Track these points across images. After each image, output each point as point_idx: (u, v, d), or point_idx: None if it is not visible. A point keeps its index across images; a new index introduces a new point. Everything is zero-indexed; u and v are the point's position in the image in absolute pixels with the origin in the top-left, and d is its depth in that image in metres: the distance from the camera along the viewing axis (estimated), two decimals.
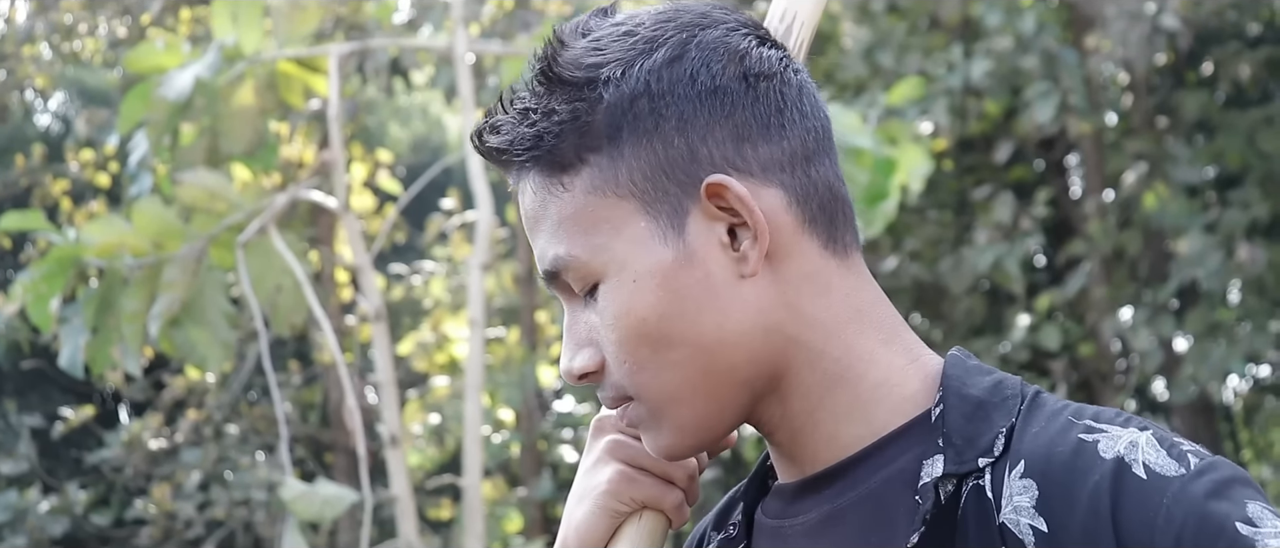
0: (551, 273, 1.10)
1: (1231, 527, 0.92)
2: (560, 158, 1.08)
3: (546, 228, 1.10)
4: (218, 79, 3.89)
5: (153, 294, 3.88)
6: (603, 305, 1.08)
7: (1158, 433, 0.99)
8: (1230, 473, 0.96)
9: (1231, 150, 8.06)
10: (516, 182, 1.12)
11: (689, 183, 1.07)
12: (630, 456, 1.15)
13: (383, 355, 3.73)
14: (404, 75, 9.75)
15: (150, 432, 10.78)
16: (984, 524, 1.01)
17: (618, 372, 1.09)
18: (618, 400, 1.11)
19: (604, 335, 1.09)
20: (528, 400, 11.12)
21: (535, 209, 1.10)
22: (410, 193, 4.15)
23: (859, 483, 1.09)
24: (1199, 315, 8.01)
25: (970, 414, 1.06)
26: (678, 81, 1.07)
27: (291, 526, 3.78)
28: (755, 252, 1.07)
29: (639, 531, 1.15)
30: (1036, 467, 1.00)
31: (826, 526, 1.10)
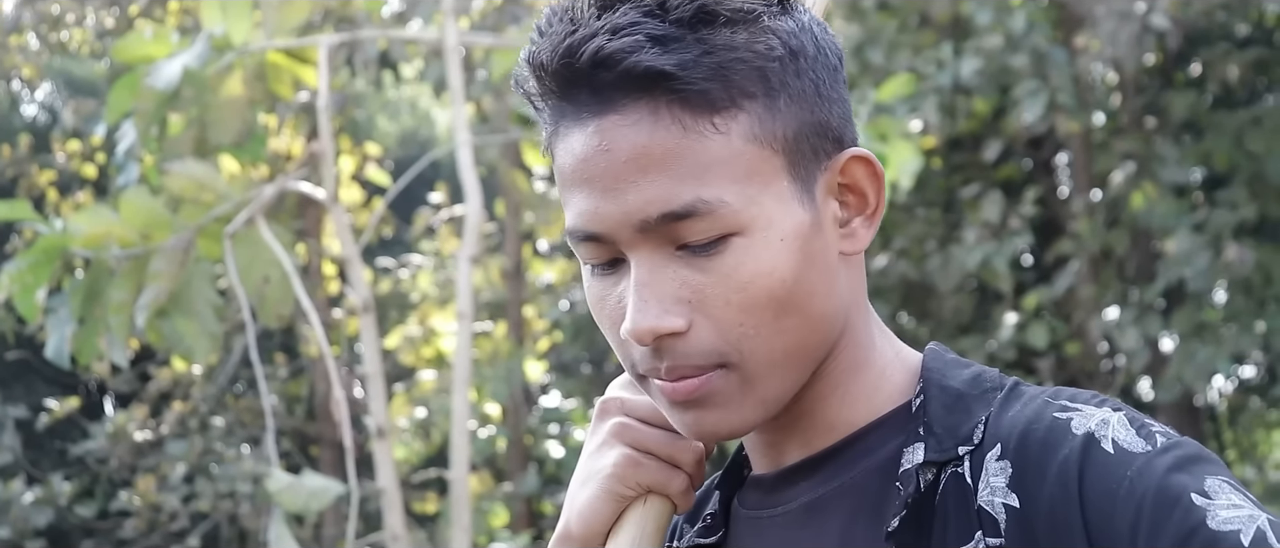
0: (674, 215, 1.01)
1: (1187, 498, 0.94)
2: (716, 97, 1.01)
3: (679, 169, 1.00)
4: (206, 69, 3.88)
5: (140, 285, 3.86)
6: (734, 261, 1.02)
7: (1129, 414, 1.01)
8: (1195, 451, 0.98)
9: (1219, 151, 8.08)
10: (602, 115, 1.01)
11: (822, 150, 1.06)
12: (636, 439, 1.13)
13: (370, 347, 3.73)
14: (393, 68, 9.74)
15: (135, 424, 10.76)
16: (962, 510, 1.03)
17: (722, 335, 1.03)
18: (699, 369, 1.03)
19: (720, 293, 1.02)
20: (514, 395, 11.11)
21: (658, 146, 1.00)
22: (399, 185, 4.14)
23: (841, 473, 1.09)
24: (1185, 315, 8.03)
25: (951, 405, 1.07)
26: (821, 49, 1.06)
27: (277, 518, 3.77)
28: (867, 231, 1.08)
29: (644, 515, 1.13)
30: (1011, 446, 1.02)
31: (807, 515, 1.10)
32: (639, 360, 1.06)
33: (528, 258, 11.85)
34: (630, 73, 1.00)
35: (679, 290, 1.03)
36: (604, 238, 1.03)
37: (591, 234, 1.03)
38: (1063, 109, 7.68)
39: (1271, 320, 7.81)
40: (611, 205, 1.02)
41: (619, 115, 1.01)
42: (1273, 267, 7.77)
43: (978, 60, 7.64)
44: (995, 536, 1.00)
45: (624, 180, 1.01)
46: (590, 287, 1.07)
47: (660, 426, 1.13)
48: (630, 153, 1.01)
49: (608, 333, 1.08)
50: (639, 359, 1.05)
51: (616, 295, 1.06)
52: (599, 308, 1.07)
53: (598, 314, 1.07)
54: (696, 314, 1.03)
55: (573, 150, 1.03)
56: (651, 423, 1.14)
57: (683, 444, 1.13)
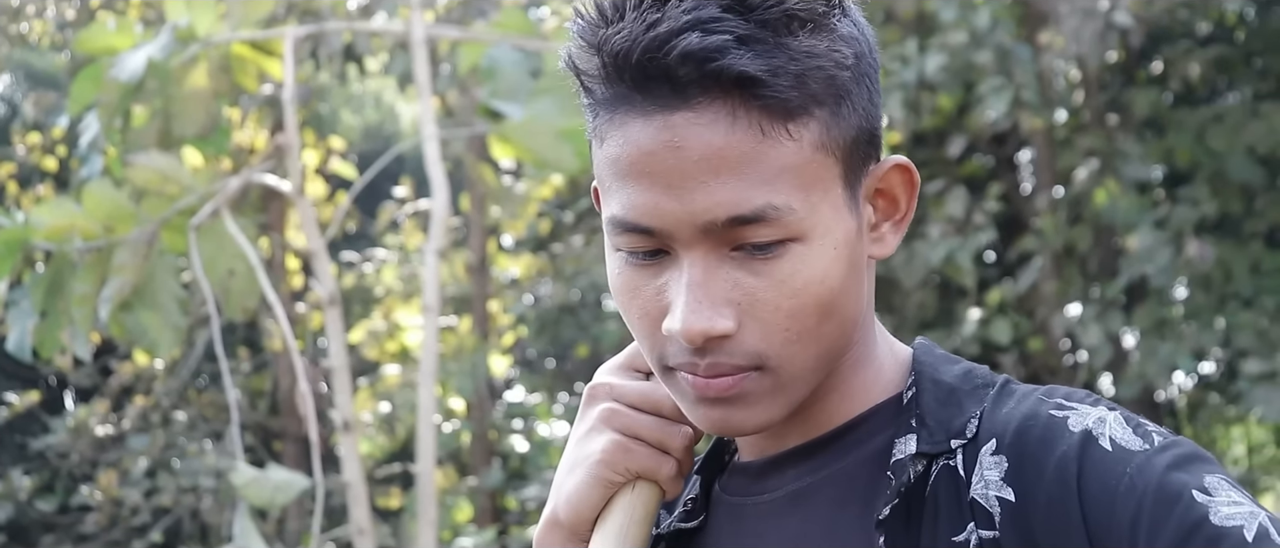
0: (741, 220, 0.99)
1: (1188, 495, 0.95)
2: (793, 104, 1.00)
3: (752, 173, 0.99)
4: (170, 61, 3.85)
5: (103, 277, 3.83)
6: (790, 268, 1.01)
7: (1124, 413, 1.02)
8: (1192, 450, 0.99)
9: (1181, 148, 8.14)
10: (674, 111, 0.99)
11: (868, 156, 1.06)
12: (625, 424, 1.12)
13: (336, 340, 3.71)
14: (358, 62, 9.71)
15: (97, 418, 10.70)
16: (954, 501, 1.03)
17: (767, 339, 1.03)
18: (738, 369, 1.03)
19: (771, 298, 1.02)
20: (479, 390, 11.09)
21: (733, 149, 0.99)
22: (365, 178, 4.12)
23: (830, 462, 1.10)
24: (1147, 312, 8.09)
25: (944, 399, 1.08)
26: (872, 51, 1.07)
27: (242, 511, 3.75)
28: (895, 237, 1.09)
29: (632, 501, 1.12)
30: (1007, 442, 1.03)
31: (793, 503, 1.10)
32: (672, 355, 1.05)
33: (492, 253, 11.83)
34: (719, 74, 0.98)
35: (730, 292, 1.02)
36: (658, 233, 1.02)
37: (645, 228, 1.02)
38: (1026, 106, 7.72)
39: (1231, 317, 7.87)
40: (674, 203, 1.00)
41: (693, 113, 0.99)
42: (1233, 263, 7.83)
43: (942, 56, 7.67)
44: (989, 528, 1.01)
45: (692, 179, 0.99)
46: (623, 274, 1.06)
47: (649, 411, 1.13)
48: (703, 153, 0.99)
49: (635, 322, 1.06)
50: (672, 354, 1.05)
51: (654, 288, 1.04)
52: (630, 296, 1.05)
53: (625, 301, 1.06)
54: (745, 316, 1.03)
55: (636, 141, 1.01)
56: (640, 409, 1.13)
57: (672, 429, 1.12)
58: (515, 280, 12.19)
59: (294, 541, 9.94)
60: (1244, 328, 7.64)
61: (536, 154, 3.79)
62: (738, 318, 1.02)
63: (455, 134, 5.27)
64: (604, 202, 1.05)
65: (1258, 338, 7.54)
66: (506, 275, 12.25)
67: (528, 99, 3.77)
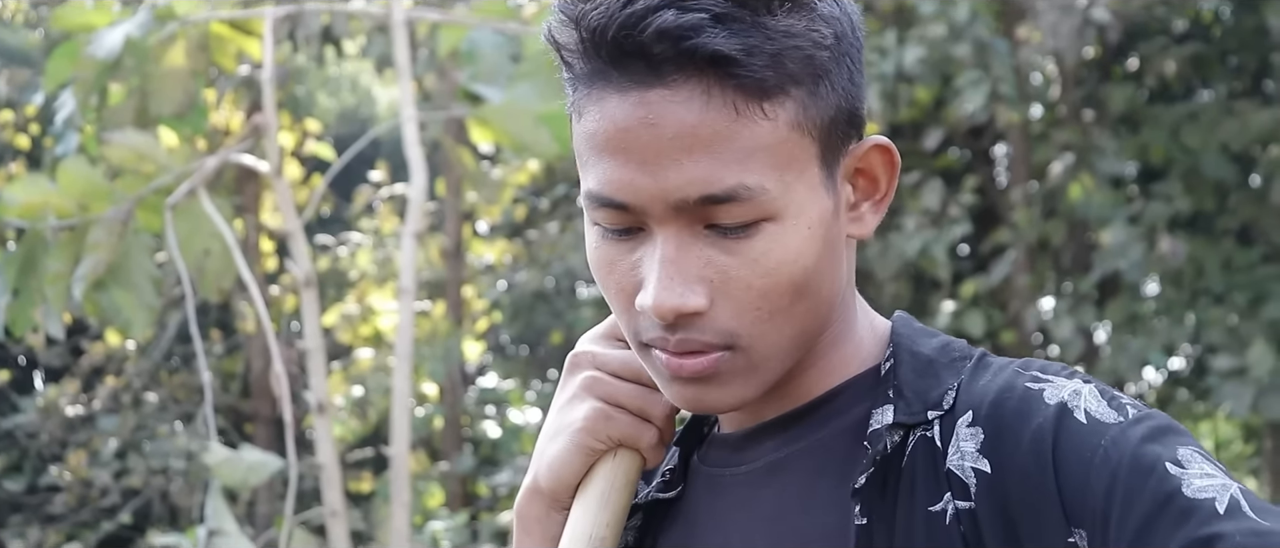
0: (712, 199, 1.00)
1: (1161, 466, 0.96)
2: (768, 83, 1.00)
3: (725, 152, 0.99)
4: (148, 39, 3.82)
5: (77, 256, 3.81)
6: (763, 247, 1.02)
7: (1099, 386, 1.03)
8: (1165, 422, 1.00)
9: (1155, 144, 8.18)
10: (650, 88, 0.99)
11: (848, 136, 1.06)
12: (607, 393, 1.13)
13: (311, 321, 3.70)
14: (336, 43, 9.67)
15: (67, 398, 10.65)
16: (930, 471, 1.04)
17: (739, 317, 1.03)
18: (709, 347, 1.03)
19: (743, 276, 1.02)
20: (451, 375, 11.09)
21: (707, 127, 0.99)
22: (342, 160, 4.10)
23: (807, 433, 1.11)
24: (1119, 306, 8.13)
25: (921, 371, 1.09)
26: (853, 30, 1.07)
27: (213, 491, 3.74)
28: (875, 217, 1.09)
29: (613, 469, 1.12)
30: (983, 413, 1.03)
31: (771, 474, 1.11)
32: (645, 330, 1.05)
33: (467, 238, 11.82)
34: (694, 52, 0.98)
35: (703, 270, 1.03)
36: (633, 209, 1.02)
37: (619, 203, 1.02)
38: (1003, 100, 7.75)
39: (1202, 313, 7.92)
40: (648, 179, 1.00)
41: (669, 90, 0.99)
42: (1205, 260, 7.87)
43: (921, 49, 7.69)
44: (965, 499, 1.01)
45: (666, 157, 1.00)
46: (599, 248, 1.06)
47: (631, 379, 1.13)
48: (677, 130, 0.99)
49: (612, 296, 1.07)
50: (645, 329, 1.05)
51: (629, 263, 1.05)
52: (606, 271, 1.06)
53: (603, 275, 1.06)
54: (717, 294, 1.03)
55: (612, 117, 1.01)
56: (622, 377, 1.13)
57: (654, 398, 1.13)
58: (490, 266, 12.18)
59: (264, 523, 9.92)
60: (1214, 324, 7.69)
61: (515, 138, 3.78)
62: (710, 296, 1.02)
63: (434, 116, 5.25)
64: (582, 176, 1.05)
65: (1227, 334, 7.59)
66: (481, 261, 12.24)
67: (508, 83, 3.76)
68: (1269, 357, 7.09)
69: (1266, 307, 7.42)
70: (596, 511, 1.11)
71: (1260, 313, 7.46)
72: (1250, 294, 7.64)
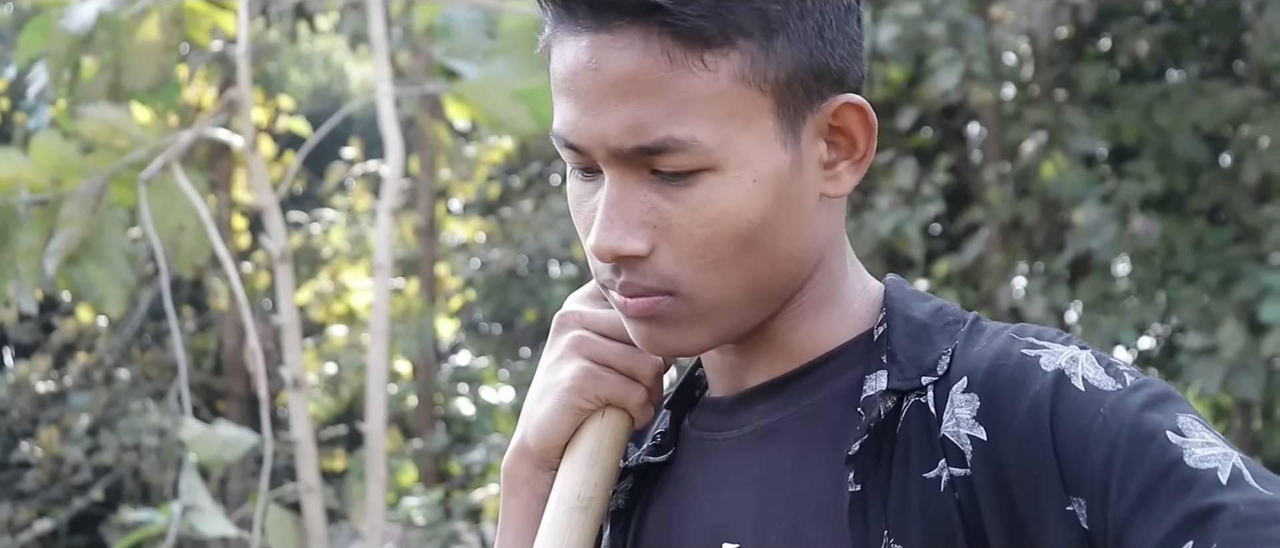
0: (645, 149, 1.02)
1: (1162, 435, 0.95)
2: (709, 34, 1.01)
3: (660, 101, 1.01)
4: (122, 13, 3.80)
5: (50, 231, 3.79)
6: (702, 196, 1.03)
7: (1095, 352, 1.03)
8: (1163, 389, 1.00)
9: (1128, 124, 8.21)
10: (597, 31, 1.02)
11: (815, 93, 1.05)
12: (595, 352, 1.13)
13: (286, 297, 3.69)
14: (309, 19, 9.62)
15: (38, 374, 10.59)
16: (925, 438, 1.04)
17: (681, 265, 1.04)
18: (650, 291, 1.05)
19: (684, 224, 1.03)
20: (424, 353, 11.08)
21: (644, 74, 1.01)
22: (316, 137, 4.09)
23: (800, 398, 1.10)
24: (1091, 285, 8.17)
25: (915, 335, 1.08)
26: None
27: (188, 467, 3.73)
28: (852, 176, 1.09)
29: (601, 428, 1.12)
30: (978, 380, 1.03)
31: (763, 438, 1.11)
32: (599, 271, 1.07)
33: (441, 216, 11.79)
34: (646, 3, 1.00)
35: (646, 214, 1.04)
36: (582, 150, 1.05)
37: (569, 144, 1.05)
38: (977, 78, 7.76)
39: (1173, 292, 7.97)
40: (591, 122, 1.03)
41: (611, 36, 1.02)
42: (1176, 239, 7.91)
43: (895, 27, 7.69)
44: (960, 466, 1.01)
45: (605, 102, 1.02)
46: (572, 187, 1.09)
47: (619, 339, 1.13)
48: (616, 76, 1.02)
49: (581, 235, 1.10)
50: (599, 270, 1.07)
51: (591, 205, 1.07)
52: (576, 210, 1.09)
53: (575, 215, 1.09)
54: (660, 240, 1.04)
55: (565, 59, 1.04)
56: (610, 337, 1.14)
57: (642, 358, 1.13)
58: (464, 244, 12.16)
59: (237, 500, 9.90)
60: (1185, 303, 7.73)
61: (492, 114, 3.78)
62: (652, 241, 1.04)
63: (409, 92, 5.24)
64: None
65: (1199, 313, 7.63)
66: (455, 239, 12.21)
67: (484, 58, 3.75)
68: (1239, 336, 7.14)
69: (1237, 286, 7.46)
70: (585, 470, 1.11)
71: (1231, 293, 7.51)
72: (1221, 274, 7.68)
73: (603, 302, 1.17)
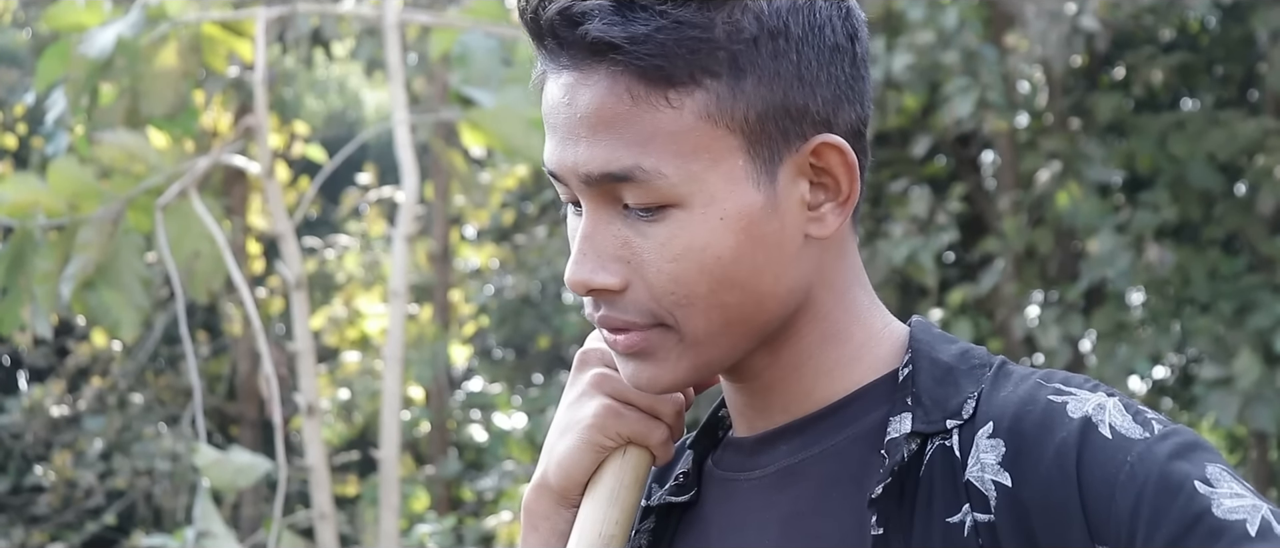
0: (611, 177, 1.04)
1: (1190, 485, 0.95)
2: (672, 72, 1.03)
3: (625, 135, 1.03)
4: (140, 39, 3.82)
5: (66, 255, 3.81)
6: (669, 232, 1.04)
7: (1124, 400, 1.02)
8: (1192, 438, 0.99)
9: (1142, 153, 8.20)
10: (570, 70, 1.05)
11: (793, 133, 1.06)
12: (617, 389, 1.13)
13: (301, 323, 3.70)
14: (325, 46, 9.66)
15: (52, 398, 10.61)
16: (949, 482, 1.03)
17: (656, 299, 1.05)
18: (630, 326, 1.06)
19: (654, 260, 1.05)
20: (438, 379, 11.07)
21: (608, 110, 1.04)
22: (332, 163, 4.10)
23: (823, 439, 1.10)
24: (1105, 315, 8.15)
25: (940, 378, 1.08)
26: (810, 29, 1.06)
27: (201, 493, 3.73)
28: (837, 217, 1.09)
29: (623, 466, 1.12)
30: (1004, 426, 1.02)
31: (785, 479, 1.10)
32: (586, 306, 1.10)
33: (455, 242, 11.81)
34: (583, 39, 1.03)
35: (618, 249, 1.06)
36: (563, 182, 1.08)
37: (551, 174, 1.09)
38: (991, 107, 7.76)
39: (1188, 322, 7.94)
40: (564, 154, 1.06)
41: (581, 74, 1.05)
42: (1191, 269, 7.89)
43: (909, 56, 7.70)
44: (984, 511, 1.01)
45: (576, 135, 1.05)
46: (568, 224, 1.12)
47: None
48: (585, 111, 1.04)
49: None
50: (586, 305, 1.10)
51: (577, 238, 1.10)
52: (571, 242, 1.11)
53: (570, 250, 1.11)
54: (634, 275, 1.06)
55: (548, 96, 1.08)
56: None
57: (663, 396, 1.13)
58: (477, 270, 12.18)
59: (250, 526, 9.90)
60: (1200, 333, 7.71)
61: (507, 142, 3.79)
62: (626, 276, 1.06)
63: (425, 119, 5.25)
64: None
65: (1214, 343, 7.61)
66: (468, 265, 12.23)
67: (499, 86, 3.76)
68: (1255, 366, 7.11)
69: (1252, 316, 7.44)
70: (606, 508, 1.11)
71: (1246, 322, 7.48)
72: (1236, 303, 7.66)
73: None
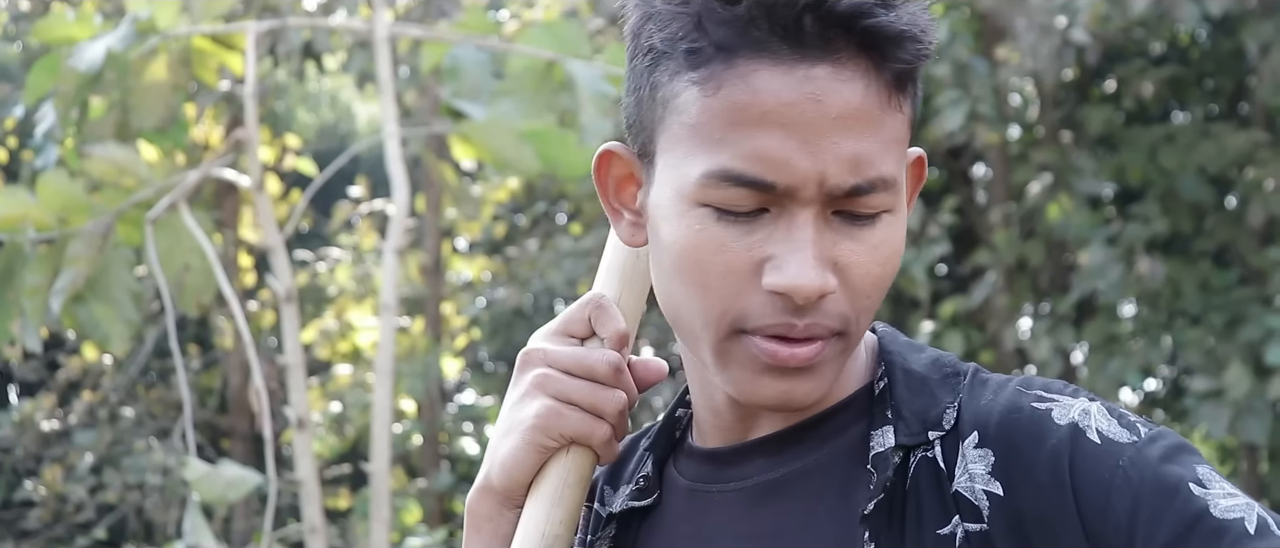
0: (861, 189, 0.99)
1: (1186, 487, 0.96)
2: (915, 74, 1.01)
3: (878, 138, 0.99)
4: (130, 52, 3.81)
5: (56, 269, 3.79)
6: (881, 236, 1.01)
7: (1106, 404, 1.03)
8: (1177, 441, 1.00)
9: (1133, 166, 8.21)
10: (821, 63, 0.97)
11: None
12: (559, 389, 1.09)
13: (291, 337, 3.69)
14: (316, 59, 9.67)
15: (43, 413, 10.59)
16: (935, 494, 1.03)
17: (854, 304, 1.02)
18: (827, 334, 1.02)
19: (863, 263, 1.01)
20: (430, 392, 11.07)
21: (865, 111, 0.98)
22: (323, 176, 4.10)
23: (805, 454, 1.09)
24: (1097, 327, 8.16)
25: (916, 389, 1.08)
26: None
27: (192, 508, 3.72)
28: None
29: (566, 466, 1.10)
30: (990, 434, 1.03)
31: (764, 494, 1.09)
32: (757, 316, 1.02)
33: (447, 255, 11.80)
34: (868, 31, 0.97)
35: (832, 253, 1.01)
36: (779, 188, 0.99)
37: (765, 182, 0.99)
38: (983, 119, 7.77)
39: (1179, 334, 7.95)
40: (807, 160, 0.98)
41: (835, 68, 0.98)
42: (1182, 281, 7.91)
43: None
44: (975, 521, 1.01)
45: (826, 137, 0.98)
46: (706, 231, 1.01)
47: (583, 376, 1.10)
48: (841, 111, 0.98)
49: (713, 280, 1.02)
50: (758, 315, 1.01)
51: (746, 244, 1.01)
52: (713, 253, 1.01)
53: (707, 258, 1.01)
54: (840, 279, 1.01)
55: (772, 91, 0.98)
56: (574, 373, 1.10)
57: (605, 395, 1.10)
58: (469, 283, 12.17)
59: (240, 540, 9.88)
60: (1191, 346, 7.72)
61: (498, 155, 3.78)
62: (836, 281, 1.01)
63: (416, 133, 5.25)
64: (695, 154, 1.00)
65: (1204, 356, 7.62)
66: (460, 278, 12.22)
67: (490, 100, 3.76)
68: (1245, 379, 7.12)
69: (1243, 329, 7.45)
70: (549, 508, 1.10)
71: (1237, 335, 7.49)
72: (1227, 316, 7.67)
73: (567, 339, 1.13)
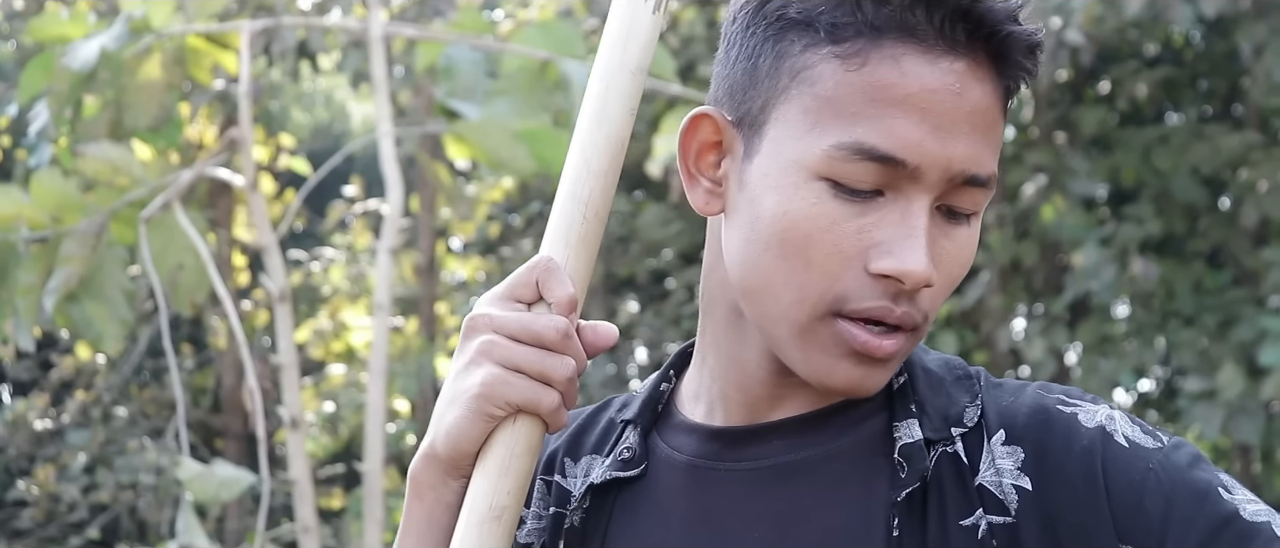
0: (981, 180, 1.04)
1: (1215, 491, 1.02)
2: (1015, 92, 1.08)
3: (992, 138, 1.05)
4: (124, 52, 3.81)
5: (49, 268, 3.79)
6: (969, 236, 1.06)
7: (1124, 411, 1.08)
8: (1196, 450, 1.06)
9: (1127, 167, 8.22)
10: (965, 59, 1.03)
11: None
12: (505, 356, 1.06)
13: (285, 336, 3.69)
14: (311, 58, 9.66)
15: (36, 412, 10.58)
16: (958, 487, 1.07)
17: (935, 300, 1.06)
18: (913, 326, 1.05)
19: (953, 259, 1.06)
20: (424, 391, 11.06)
21: (991, 112, 1.04)
22: (317, 175, 4.10)
23: (826, 440, 1.11)
24: (1090, 328, 8.16)
25: (934, 386, 1.12)
26: None
27: (185, 508, 3.72)
28: None
29: (513, 435, 1.07)
30: (1018, 432, 1.07)
31: (780, 476, 1.11)
32: (857, 298, 1.04)
33: (441, 255, 11.80)
34: (1012, 42, 1.03)
35: (934, 247, 1.05)
36: (911, 169, 1.02)
37: (899, 161, 1.02)
38: None
39: (1172, 335, 7.96)
40: (938, 146, 1.02)
41: (973, 66, 1.03)
42: (1176, 282, 7.92)
43: None
44: (1000, 514, 1.05)
45: (959, 128, 1.02)
46: (820, 205, 1.03)
47: (531, 343, 1.07)
48: (975, 105, 1.03)
49: (820, 257, 1.04)
50: (858, 296, 1.04)
51: (857, 225, 1.03)
52: (824, 229, 1.03)
53: (816, 234, 1.03)
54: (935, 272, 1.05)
55: (918, 75, 1.02)
56: (521, 340, 1.07)
57: (554, 361, 1.07)
58: (463, 283, 12.17)
59: (233, 540, 9.87)
60: (1184, 346, 7.73)
61: (493, 154, 3.78)
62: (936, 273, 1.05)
63: (410, 132, 5.25)
64: (824, 125, 1.03)
65: (1198, 357, 7.63)
66: (455, 278, 12.22)
67: (484, 99, 3.76)
68: (1238, 379, 7.13)
69: (1236, 329, 7.46)
70: (496, 478, 1.07)
71: (1230, 336, 7.50)
72: (1220, 317, 7.68)
73: (513, 304, 1.09)
